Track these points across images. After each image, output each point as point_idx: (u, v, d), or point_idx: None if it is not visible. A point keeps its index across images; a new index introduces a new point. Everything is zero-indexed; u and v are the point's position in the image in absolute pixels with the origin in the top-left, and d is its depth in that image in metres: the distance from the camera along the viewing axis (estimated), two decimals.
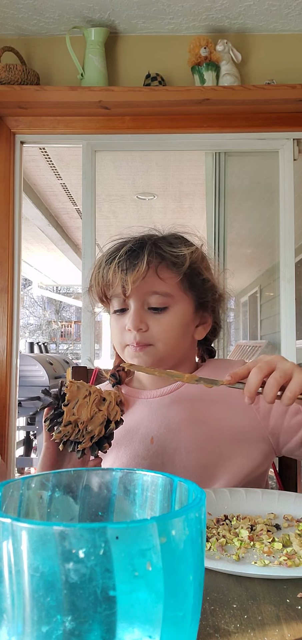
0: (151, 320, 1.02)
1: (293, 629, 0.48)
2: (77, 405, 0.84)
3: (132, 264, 1.00)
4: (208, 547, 0.67)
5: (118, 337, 1.06)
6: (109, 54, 2.52)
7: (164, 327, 1.02)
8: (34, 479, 0.46)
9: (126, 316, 1.04)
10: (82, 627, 0.33)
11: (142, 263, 0.99)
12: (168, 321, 1.03)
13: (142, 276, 0.99)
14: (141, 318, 1.02)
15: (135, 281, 0.99)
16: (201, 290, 1.06)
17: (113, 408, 0.86)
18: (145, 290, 1.02)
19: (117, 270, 1.00)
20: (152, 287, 1.02)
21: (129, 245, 1.02)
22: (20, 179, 2.61)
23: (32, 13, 2.39)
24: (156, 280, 1.02)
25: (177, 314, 1.04)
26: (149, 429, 1.03)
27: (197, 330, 1.10)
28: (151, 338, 1.02)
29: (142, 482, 0.48)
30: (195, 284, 1.06)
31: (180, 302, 1.04)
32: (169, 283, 1.02)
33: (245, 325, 8.13)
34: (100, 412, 0.84)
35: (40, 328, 19.42)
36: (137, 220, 4.75)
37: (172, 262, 1.02)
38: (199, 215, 4.37)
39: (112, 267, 1.01)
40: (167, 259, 1.02)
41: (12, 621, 0.34)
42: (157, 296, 1.02)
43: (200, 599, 0.39)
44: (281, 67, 2.51)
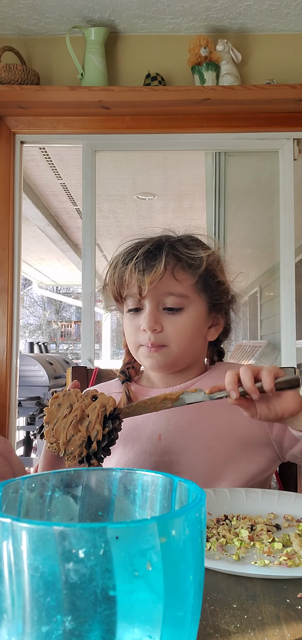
0: (165, 321, 1.03)
1: (293, 629, 0.48)
2: (55, 426, 0.82)
3: (149, 265, 1.00)
4: (208, 547, 0.67)
5: (132, 336, 1.07)
6: (109, 54, 2.52)
7: (178, 328, 1.03)
8: (34, 479, 0.46)
9: (141, 316, 1.04)
10: (82, 627, 0.33)
11: (160, 264, 0.99)
12: (183, 322, 1.03)
13: (159, 277, 1.00)
14: (156, 319, 1.02)
15: (152, 282, 0.99)
16: (215, 292, 1.08)
17: (93, 428, 0.81)
18: (161, 291, 1.02)
19: (134, 270, 1.01)
20: (168, 288, 1.02)
21: (147, 246, 1.03)
22: (20, 179, 2.61)
23: (32, 13, 2.39)
24: (172, 281, 1.02)
25: (192, 315, 1.05)
26: (157, 427, 1.03)
27: (209, 331, 1.11)
28: (165, 339, 1.03)
29: (142, 482, 0.48)
30: (209, 286, 1.07)
31: (194, 303, 1.05)
32: (184, 284, 1.03)
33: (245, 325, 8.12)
34: (79, 434, 0.81)
35: (40, 328, 19.42)
36: (137, 220, 4.75)
37: (189, 264, 1.03)
38: (199, 216, 4.37)
39: (129, 267, 1.02)
40: (184, 260, 1.03)
41: (12, 621, 0.34)
42: (172, 297, 1.03)
43: (200, 599, 0.39)
44: (281, 67, 2.51)
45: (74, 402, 0.84)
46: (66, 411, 0.83)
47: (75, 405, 0.83)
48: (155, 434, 1.03)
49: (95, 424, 0.82)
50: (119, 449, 1.04)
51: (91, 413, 0.83)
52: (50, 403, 0.84)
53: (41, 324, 19.53)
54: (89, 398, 0.85)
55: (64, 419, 0.82)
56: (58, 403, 0.84)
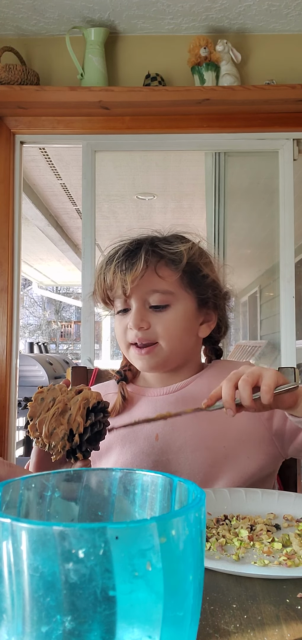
0: (153, 318, 1.04)
1: (293, 629, 0.48)
2: (37, 420, 0.81)
3: (130, 263, 1.01)
4: (208, 547, 0.67)
5: (122, 337, 1.08)
6: (109, 54, 2.52)
7: (166, 325, 1.03)
8: (34, 479, 0.46)
9: (129, 316, 1.05)
10: (82, 627, 0.33)
11: (140, 262, 1.00)
12: (170, 318, 1.04)
13: (140, 275, 1.00)
14: (142, 316, 1.03)
15: (133, 280, 1.00)
16: (201, 286, 1.07)
17: (74, 420, 0.81)
18: (146, 289, 1.03)
19: (116, 271, 1.02)
20: (152, 285, 1.03)
21: (127, 245, 1.05)
22: (20, 179, 2.61)
23: (31, 13, 2.39)
24: (155, 278, 1.03)
25: (179, 311, 1.05)
26: (154, 426, 1.03)
27: (201, 328, 1.10)
28: (153, 335, 1.03)
29: (142, 482, 0.48)
30: (195, 281, 1.06)
31: (181, 299, 1.05)
32: (168, 281, 1.03)
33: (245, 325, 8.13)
34: (61, 427, 0.80)
35: (40, 328, 19.41)
36: (137, 220, 4.75)
37: (171, 260, 1.03)
38: (198, 216, 4.37)
39: (111, 269, 1.03)
40: (165, 256, 1.03)
41: (11, 621, 0.34)
42: (157, 294, 1.03)
43: (200, 599, 0.39)
44: (281, 67, 2.51)
45: (57, 396, 0.83)
46: (49, 405, 0.82)
47: (58, 398, 0.83)
48: (152, 434, 1.03)
49: (76, 416, 0.81)
50: (117, 450, 1.04)
51: (73, 406, 0.82)
52: (34, 398, 0.83)
53: (41, 324, 19.53)
54: (72, 392, 0.84)
55: (47, 412, 0.81)
56: (41, 397, 0.83)
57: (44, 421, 0.81)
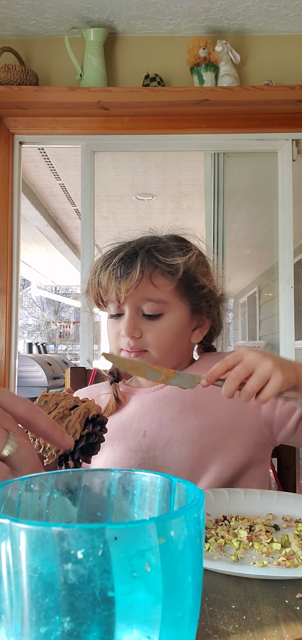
0: (145, 326, 1.03)
1: (292, 630, 0.48)
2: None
3: (125, 272, 1.00)
4: (207, 548, 0.67)
5: (114, 341, 1.08)
6: (108, 55, 2.52)
7: (158, 334, 1.03)
8: (33, 480, 0.46)
9: (121, 321, 1.05)
10: (81, 628, 0.33)
11: (135, 272, 0.99)
12: (162, 327, 1.03)
13: (135, 285, 1.00)
14: (135, 325, 1.02)
15: (128, 289, 1.00)
16: (196, 295, 1.06)
17: (72, 426, 0.82)
18: (140, 297, 1.02)
19: (111, 277, 1.01)
20: (146, 294, 1.02)
21: (123, 252, 1.03)
22: (19, 180, 2.61)
23: (31, 14, 2.39)
24: (150, 287, 1.02)
25: (172, 320, 1.04)
26: (142, 424, 1.03)
27: (193, 333, 1.10)
28: (144, 344, 1.03)
29: (141, 482, 0.48)
30: (191, 290, 1.06)
31: (175, 308, 1.04)
32: (163, 290, 1.03)
33: (244, 325, 8.13)
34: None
35: (39, 329, 19.41)
36: (136, 220, 4.75)
37: (167, 270, 1.02)
38: (198, 216, 4.37)
39: (106, 274, 1.02)
40: (161, 266, 1.02)
41: (10, 622, 0.34)
42: (151, 303, 1.02)
43: (199, 599, 0.39)
44: (280, 68, 2.51)
45: (60, 401, 0.84)
46: (51, 408, 0.83)
47: (61, 403, 0.84)
48: (140, 431, 1.03)
49: (75, 423, 0.82)
50: (107, 449, 1.05)
51: (74, 413, 0.83)
52: (38, 400, 0.84)
53: (40, 325, 19.52)
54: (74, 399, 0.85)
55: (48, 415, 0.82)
56: (45, 400, 0.84)
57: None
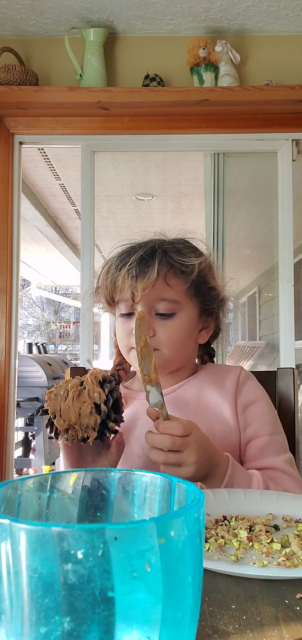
0: (157, 325, 1.05)
1: (292, 630, 0.48)
2: (59, 409, 0.83)
3: (142, 271, 1.01)
4: (207, 548, 0.67)
5: (124, 340, 1.08)
6: (108, 55, 2.52)
7: (170, 333, 1.04)
8: (33, 480, 0.46)
9: (133, 320, 1.05)
10: (81, 628, 0.33)
11: (153, 271, 1.01)
12: (174, 327, 1.05)
13: (152, 284, 1.01)
14: (149, 324, 1.03)
15: (145, 288, 1.01)
16: (206, 297, 1.09)
17: (94, 392, 0.85)
18: (154, 296, 1.04)
19: (127, 276, 1.02)
20: (161, 294, 1.04)
21: (141, 252, 1.04)
22: (19, 180, 2.61)
23: (31, 14, 2.39)
24: (164, 287, 1.04)
25: (184, 320, 1.06)
26: (144, 428, 1.04)
27: (200, 334, 1.12)
28: (157, 343, 1.04)
29: (141, 482, 0.48)
30: (201, 292, 1.08)
31: (186, 308, 1.06)
32: (176, 290, 1.05)
33: (244, 326, 8.14)
34: (85, 404, 0.84)
35: (39, 329, 19.41)
36: (136, 220, 4.75)
37: (181, 271, 1.04)
38: (198, 216, 4.37)
39: (122, 273, 1.03)
40: (176, 267, 1.04)
41: (10, 622, 0.34)
42: (165, 303, 1.04)
43: (199, 599, 0.39)
44: (280, 68, 2.51)
45: (67, 386, 0.86)
46: (64, 396, 0.85)
47: (70, 385, 0.86)
48: (143, 435, 1.04)
49: (94, 388, 0.84)
50: None
51: (86, 385, 0.85)
52: (48, 398, 0.86)
53: (40, 325, 19.52)
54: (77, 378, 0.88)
55: (65, 401, 0.84)
56: (54, 394, 0.86)
57: (68, 409, 0.83)
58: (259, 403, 1.08)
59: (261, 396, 1.10)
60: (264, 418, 1.07)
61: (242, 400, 1.08)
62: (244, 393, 1.08)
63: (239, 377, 1.10)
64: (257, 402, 1.08)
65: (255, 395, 1.09)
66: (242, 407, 1.07)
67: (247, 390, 1.09)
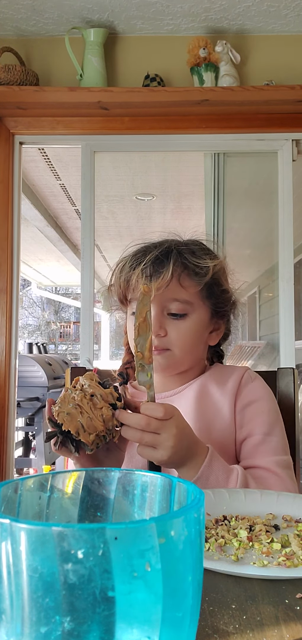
0: (169, 325, 1.05)
1: (292, 630, 0.48)
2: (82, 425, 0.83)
3: (157, 271, 1.02)
4: (207, 548, 0.67)
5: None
6: (108, 55, 2.52)
7: (182, 333, 1.05)
8: (33, 480, 0.46)
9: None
10: (81, 628, 0.33)
11: (168, 272, 1.01)
12: (186, 327, 1.05)
13: (166, 284, 1.02)
14: (161, 324, 1.04)
15: (159, 288, 1.01)
16: (219, 299, 1.10)
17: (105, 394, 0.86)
18: (167, 296, 1.04)
19: (141, 275, 1.03)
20: (174, 294, 1.04)
21: (156, 252, 1.04)
22: (19, 180, 2.61)
23: (31, 14, 2.39)
24: (177, 287, 1.04)
25: (195, 321, 1.07)
26: None
27: (211, 336, 1.13)
28: (168, 343, 1.05)
29: (141, 482, 0.48)
30: (214, 294, 1.09)
31: (198, 309, 1.07)
32: (189, 291, 1.05)
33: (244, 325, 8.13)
34: (103, 409, 0.85)
35: (39, 329, 19.41)
36: (136, 220, 4.75)
37: (195, 272, 1.05)
38: (198, 216, 4.37)
39: (136, 272, 1.03)
40: (191, 268, 1.05)
41: (10, 622, 0.34)
42: (177, 303, 1.05)
43: (199, 599, 0.39)
44: (280, 68, 2.51)
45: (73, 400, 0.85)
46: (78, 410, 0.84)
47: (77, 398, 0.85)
48: None
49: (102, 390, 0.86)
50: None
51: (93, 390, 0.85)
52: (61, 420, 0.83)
53: (40, 325, 19.52)
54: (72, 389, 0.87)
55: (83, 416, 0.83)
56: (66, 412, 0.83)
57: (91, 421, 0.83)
58: (260, 403, 1.08)
59: (262, 397, 1.10)
60: (261, 418, 1.07)
61: (242, 400, 1.08)
62: (246, 393, 1.09)
63: (242, 377, 1.10)
64: (258, 402, 1.08)
65: (257, 395, 1.09)
66: (241, 406, 1.08)
67: (249, 390, 1.09)
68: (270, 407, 1.09)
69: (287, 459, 1.06)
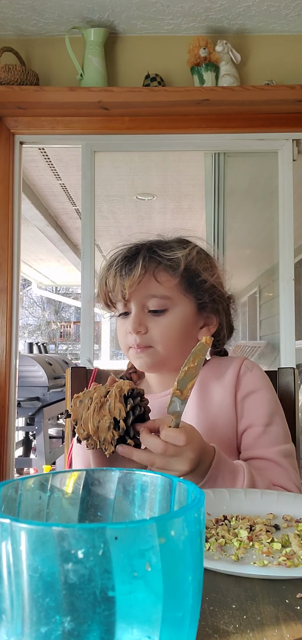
0: (150, 322, 1.05)
1: (292, 630, 0.48)
2: (82, 421, 0.85)
3: (128, 269, 1.03)
4: (207, 548, 0.67)
5: (122, 339, 1.10)
6: (109, 55, 2.52)
7: (163, 329, 1.05)
8: (33, 480, 0.46)
9: (129, 319, 1.07)
10: (81, 628, 0.33)
11: (138, 267, 1.02)
12: (167, 323, 1.05)
13: (138, 280, 1.03)
14: (140, 321, 1.05)
15: (131, 285, 1.02)
16: (200, 290, 1.08)
17: (115, 407, 0.85)
18: (144, 294, 1.05)
19: (115, 275, 1.04)
20: (150, 290, 1.05)
21: (125, 251, 1.07)
22: (19, 180, 2.61)
23: (31, 13, 2.39)
24: (153, 283, 1.05)
25: (177, 315, 1.06)
26: None
27: (201, 331, 1.11)
28: (150, 340, 1.05)
29: (141, 482, 0.48)
30: (194, 285, 1.08)
31: (180, 303, 1.07)
32: (166, 286, 1.05)
33: (244, 325, 8.12)
34: (104, 418, 0.84)
35: (39, 328, 19.41)
36: (136, 220, 4.75)
37: (169, 266, 1.05)
38: (198, 216, 4.37)
39: (111, 273, 1.05)
40: (164, 262, 1.05)
41: (11, 622, 0.34)
42: (155, 299, 1.05)
43: (199, 599, 0.39)
44: (280, 68, 2.51)
45: (92, 395, 0.87)
46: (88, 404, 0.86)
47: (94, 395, 0.87)
48: None
49: (115, 404, 0.85)
50: None
51: (110, 398, 0.86)
52: (73, 403, 0.87)
53: (40, 325, 19.52)
54: (105, 388, 0.88)
55: (87, 411, 0.85)
56: (79, 400, 0.87)
57: (88, 419, 0.84)
58: (258, 394, 1.08)
59: (261, 387, 1.09)
60: (261, 408, 1.06)
61: (241, 391, 1.08)
62: (244, 384, 1.08)
63: (240, 368, 1.09)
64: (257, 392, 1.08)
65: (255, 385, 1.08)
66: (240, 397, 1.07)
67: (247, 381, 1.09)
68: (269, 397, 1.09)
69: (288, 447, 1.06)
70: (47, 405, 4.97)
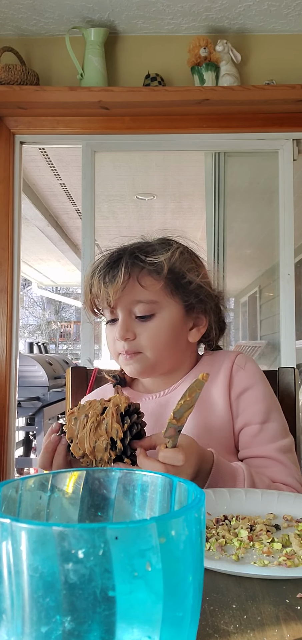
0: (138, 328, 1.04)
1: (292, 629, 0.48)
2: (77, 439, 0.84)
3: (111, 275, 1.02)
4: (207, 548, 0.67)
5: (111, 346, 1.09)
6: (109, 54, 2.52)
7: (151, 334, 1.04)
8: (34, 480, 0.46)
9: (116, 326, 1.06)
10: (82, 628, 0.33)
11: (120, 274, 1.01)
12: (155, 327, 1.04)
13: (121, 287, 1.01)
14: (127, 327, 1.04)
15: (115, 292, 1.01)
16: (186, 292, 1.07)
17: (112, 428, 0.83)
18: (130, 299, 1.04)
19: (100, 283, 1.03)
20: (136, 296, 1.03)
21: (107, 258, 1.05)
22: (19, 180, 2.61)
23: (31, 13, 2.39)
24: (138, 289, 1.03)
25: (165, 319, 1.05)
26: (148, 430, 1.04)
27: (191, 332, 1.10)
28: (138, 346, 1.04)
29: (142, 482, 0.48)
30: (180, 287, 1.06)
31: (167, 307, 1.05)
32: (151, 290, 1.03)
33: (244, 325, 8.12)
34: (101, 439, 0.83)
35: (39, 328, 19.40)
36: (137, 220, 4.75)
37: (152, 270, 1.03)
38: (198, 216, 4.37)
39: (95, 281, 1.04)
40: (147, 267, 1.03)
41: (11, 622, 0.34)
42: (141, 304, 1.03)
43: (199, 599, 0.39)
44: (281, 68, 2.51)
45: (88, 412, 0.86)
46: (83, 422, 0.85)
47: (90, 413, 0.85)
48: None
49: (113, 424, 0.84)
50: None
51: (107, 416, 0.85)
52: (68, 420, 0.86)
53: (41, 325, 19.52)
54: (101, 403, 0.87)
55: (83, 429, 0.84)
56: (74, 417, 0.86)
57: (84, 439, 0.83)
58: (252, 390, 1.06)
59: (255, 383, 1.07)
60: (257, 406, 1.05)
61: (235, 389, 1.06)
62: (237, 382, 1.07)
63: (232, 365, 1.08)
64: (251, 389, 1.06)
65: (248, 382, 1.07)
66: (235, 396, 1.06)
67: (240, 378, 1.07)
68: (264, 393, 1.07)
69: (287, 441, 1.04)
70: (47, 405, 4.97)
